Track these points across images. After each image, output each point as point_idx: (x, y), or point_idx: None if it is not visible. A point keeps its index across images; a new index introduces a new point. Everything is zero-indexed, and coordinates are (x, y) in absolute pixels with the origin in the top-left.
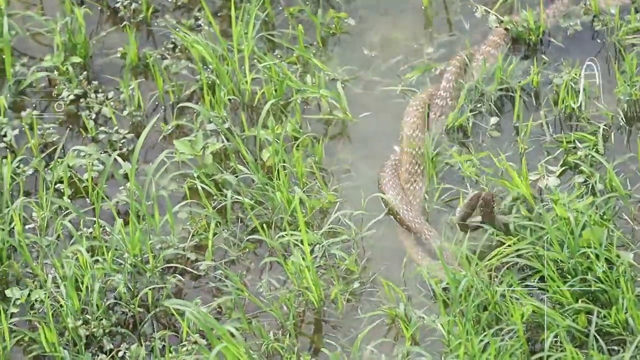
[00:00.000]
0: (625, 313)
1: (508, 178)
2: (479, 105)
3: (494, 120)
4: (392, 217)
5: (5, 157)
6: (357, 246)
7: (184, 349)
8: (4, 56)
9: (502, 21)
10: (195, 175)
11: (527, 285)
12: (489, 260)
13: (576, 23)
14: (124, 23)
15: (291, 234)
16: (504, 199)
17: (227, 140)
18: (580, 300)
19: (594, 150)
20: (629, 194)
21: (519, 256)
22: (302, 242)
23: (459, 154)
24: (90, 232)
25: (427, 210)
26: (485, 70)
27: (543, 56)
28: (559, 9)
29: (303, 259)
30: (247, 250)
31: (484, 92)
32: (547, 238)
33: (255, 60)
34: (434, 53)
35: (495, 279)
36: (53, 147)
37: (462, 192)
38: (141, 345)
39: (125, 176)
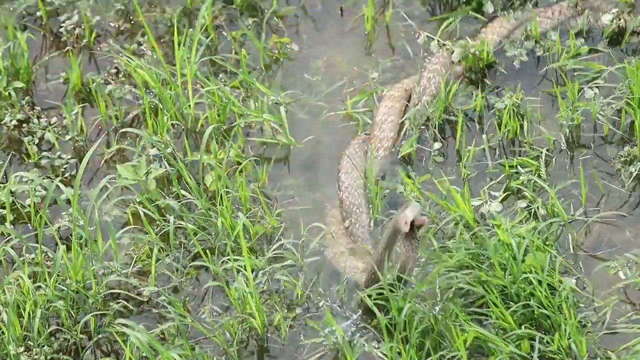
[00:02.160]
0: (568, 339)
1: (451, 202)
2: (423, 130)
3: (437, 145)
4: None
5: None
6: (302, 271)
7: None
8: None
9: (445, 46)
10: (138, 200)
11: (471, 311)
12: (430, 285)
13: (519, 49)
14: (67, 48)
15: (234, 260)
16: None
17: (170, 165)
18: (523, 326)
19: (536, 175)
20: (572, 219)
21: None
22: (245, 267)
23: (402, 179)
24: (33, 258)
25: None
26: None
27: (486, 81)
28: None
29: (246, 285)
30: (190, 276)
31: (428, 117)
32: (490, 263)
33: (198, 85)
34: (378, 77)
35: (439, 304)
36: None
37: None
38: None
39: (68, 201)
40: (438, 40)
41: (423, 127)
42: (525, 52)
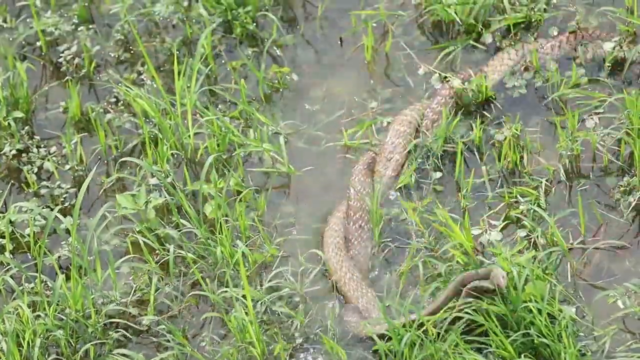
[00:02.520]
0: None
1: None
2: (422, 161)
3: (437, 175)
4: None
5: None
6: (302, 301)
7: None
8: None
9: (446, 79)
10: (137, 229)
11: (470, 340)
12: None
13: (519, 80)
14: (67, 78)
15: (233, 291)
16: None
17: (170, 194)
18: (522, 355)
19: (535, 204)
20: (571, 247)
21: (460, 310)
22: (244, 296)
23: (403, 208)
24: (32, 287)
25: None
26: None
27: (485, 113)
28: (554, 50)
29: (246, 313)
30: (190, 304)
31: (430, 148)
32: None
33: (198, 115)
34: (377, 107)
35: (439, 332)
36: None
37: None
38: None
39: (67, 231)
40: (439, 74)
41: (422, 159)
42: (524, 84)
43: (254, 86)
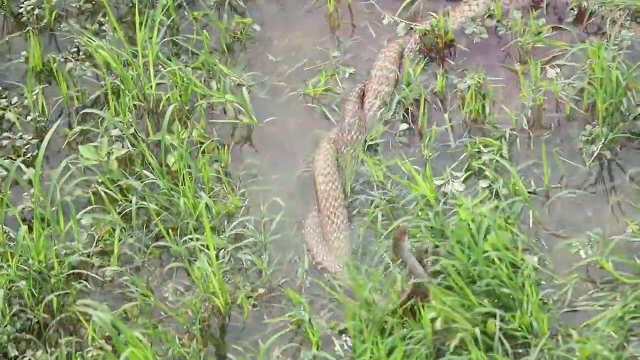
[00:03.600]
0: (530, 316)
1: (414, 182)
2: (392, 115)
3: (403, 126)
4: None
5: None
6: (265, 250)
7: (90, 354)
8: None
9: (411, 28)
10: (100, 181)
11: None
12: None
13: (479, 27)
14: (28, 28)
15: (197, 239)
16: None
17: (132, 145)
18: (485, 301)
19: (498, 155)
20: (533, 192)
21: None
22: (207, 247)
23: (364, 161)
24: None
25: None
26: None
27: (449, 60)
28: None
29: (209, 264)
30: (153, 255)
31: (396, 99)
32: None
33: (160, 66)
34: (340, 57)
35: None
36: None
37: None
38: (47, 351)
39: (30, 182)
40: (405, 22)
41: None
42: (485, 30)
43: (216, 38)
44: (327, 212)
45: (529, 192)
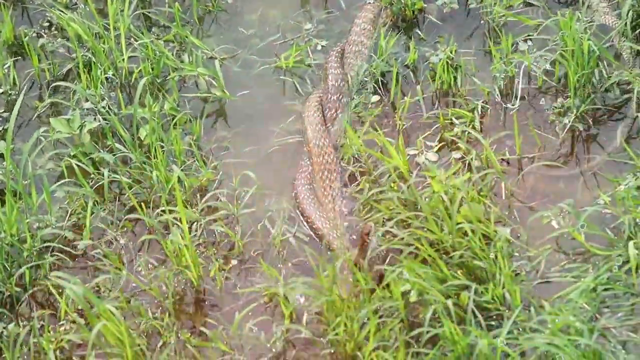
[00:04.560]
0: (502, 288)
1: (387, 154)
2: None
3: (375, 98)
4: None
5: None
6: (237, 223)
7: (62, 328)
8: None
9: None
10: (72, 154)
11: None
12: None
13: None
14: None
15: (169, 211)
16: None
17: (104, 119)
18: (458, 272)
19: (470, 126)
20: (507, 161)
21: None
22: (180, 220)
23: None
24: None
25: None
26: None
27: (419, 32)
28: None
29: (182, 237)
30: (126, 229)
31: (369, 71)
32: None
33: (132, 39)
34: (312, 29)
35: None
36: None
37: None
38: (19, 325)
39: (1, 155)
40: None
41: (365, 80)
42: (457, 0)
43: (188, 10)
44: (320, 167)
45: (501, 163)
